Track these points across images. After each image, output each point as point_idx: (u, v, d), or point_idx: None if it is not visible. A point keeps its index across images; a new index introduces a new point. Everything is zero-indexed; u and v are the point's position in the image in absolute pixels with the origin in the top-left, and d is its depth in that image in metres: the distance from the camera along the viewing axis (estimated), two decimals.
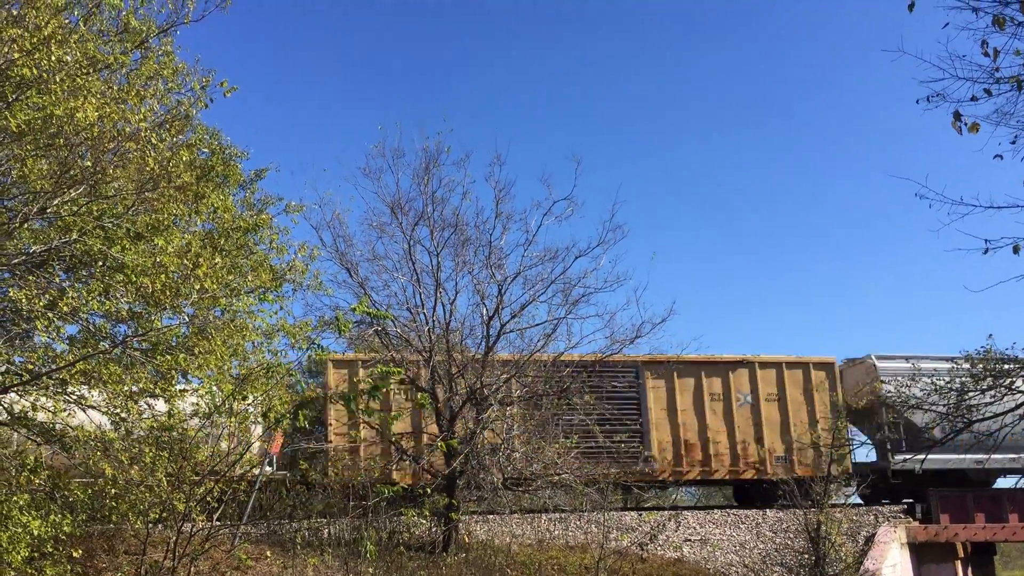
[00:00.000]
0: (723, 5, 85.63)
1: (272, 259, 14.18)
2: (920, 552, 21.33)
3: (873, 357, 22.47)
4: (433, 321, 17.71)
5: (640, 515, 19.90)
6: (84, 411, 11.94)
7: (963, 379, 14.94)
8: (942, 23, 8.58)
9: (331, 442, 18.48)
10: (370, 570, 14.57)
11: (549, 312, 18.01)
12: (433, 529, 17.13)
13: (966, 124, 8.52)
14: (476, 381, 16.98)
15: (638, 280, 41.88)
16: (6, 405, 11.90)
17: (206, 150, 13.79)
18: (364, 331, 18.93)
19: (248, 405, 12.38)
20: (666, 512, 20.08)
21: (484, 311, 17.86)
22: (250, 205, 15.64)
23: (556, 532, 18.85)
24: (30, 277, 10.53)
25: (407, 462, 18.08)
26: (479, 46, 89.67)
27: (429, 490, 16.25)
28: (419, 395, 17.34)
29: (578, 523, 18.98)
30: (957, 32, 8.59)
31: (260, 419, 12.97)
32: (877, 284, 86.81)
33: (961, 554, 22.19)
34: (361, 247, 18.31)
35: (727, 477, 21.76)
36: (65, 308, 10.23)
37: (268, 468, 16.42)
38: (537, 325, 18.00)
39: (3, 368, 10.38)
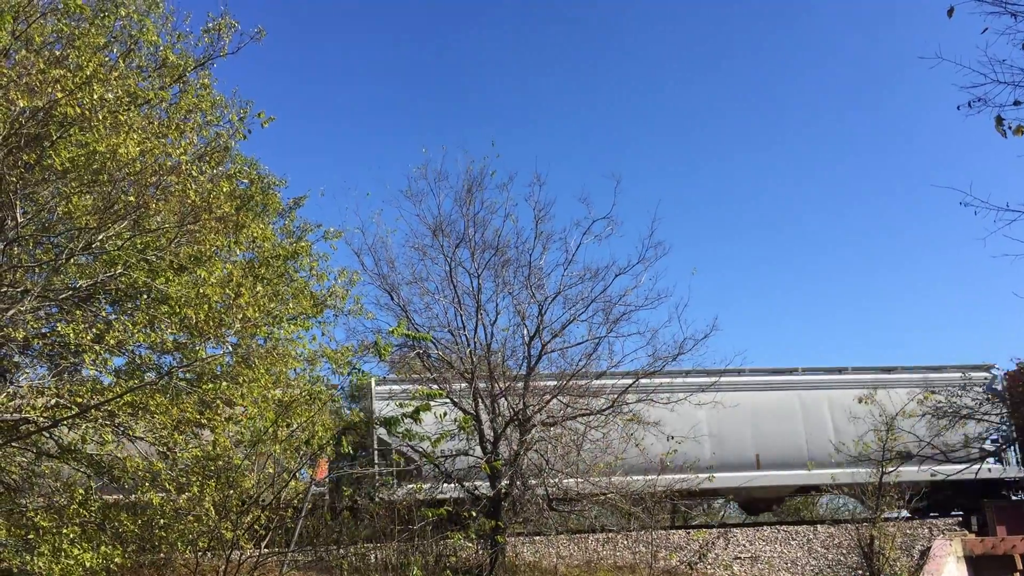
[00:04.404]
0: (761, 19, 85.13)
1: (312, 286, 14.30)
2: (977, 565, 20.83)
3: None
4: (475, 343, 17.71)
5: (688, 533, 19.67)
6: (132, 442, 12.07)
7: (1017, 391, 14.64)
8: (980, 29, 8.45)
9: (376, 467, 18.50)
10: None
11: (590, 331, 17.94)
12: (479, 552, 17.05)
13: (1010, 128, 8.36)
14: (519, 402, 16.92)
15: (679, 296, 41.58)
16: (56, 438, 12.06)
17: (245, 180, 13.96)
18: (406, 354, 18.98)
19: (292, 432, 12.45)
20: (715, 530, 19.84)
21: (525, 332, 17.84)
22: (289, 233, 15.79)
23: (604, 553, 18.68)
24: (77, 311, 10.70)
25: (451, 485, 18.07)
26: (516, 65, 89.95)
27: (474, 512, 16.21)
28: (462, 417, 17.34)
29: (626, 543, 18.81)
30: (996, 37, 8.45)
31: (304, 446, 13.04)
32: (923, 292, 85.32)
33: (1020, 566, 21.61)
34: (402, 270, 18.41)
35: None
36: (112, 341, 10.37)
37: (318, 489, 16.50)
38: (578, 344, 17.93)
39: (53, 402, 10.50)
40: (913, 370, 22.40)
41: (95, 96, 9.89)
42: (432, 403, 16.83)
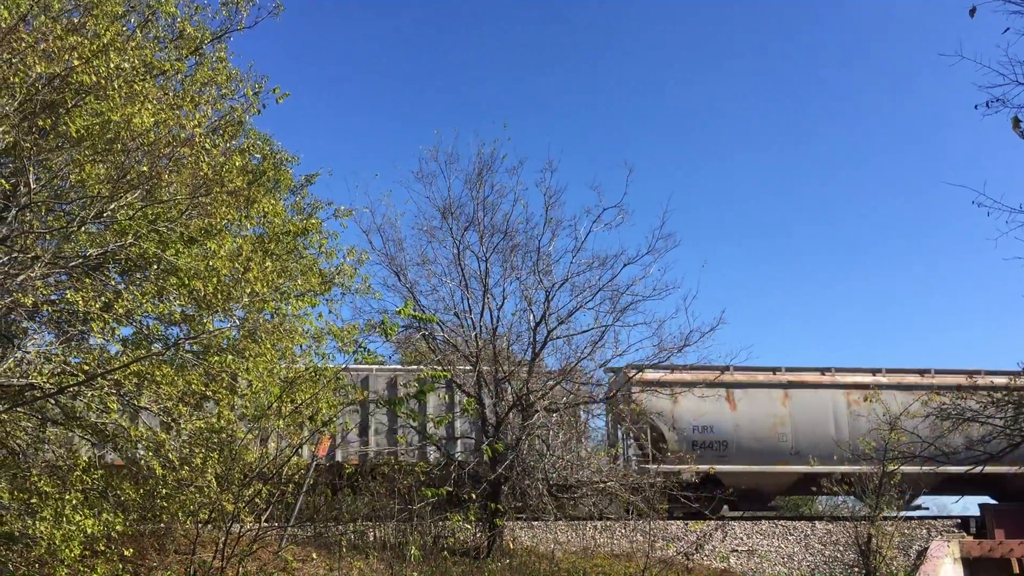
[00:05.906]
0: (778, 15, 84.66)
1: (321, 263, 14.32)
2: (973, 568, 20.82)
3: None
4: (480, 326, 17.72)
5: (686, 524, 19.71)
6: (137, 412, 12.13)
7: (1021, 393, 14.60)
8: (1001, 29, 8.44)
9: (377, 446, 18.57)
10: (414, 574, 14.62)
11: (596, 319, 17.93)
12: (477, 534, 17.12)
13: None
14: (523, 387, 16.94)
15: (687, 288, 41.66)
16: (62, 404, 12.12)
17: (258, 155, 13.96)
18: (411, 335, 19.01)
19: (296, 407, 12.50)
20: (712, 522, 19.88)
21: (531, 317, 17.84)
22: (300, 209, 15.80)
23: (601, 540, 18.72)
24: (86, 279, 10.72)
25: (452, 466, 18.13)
26: (516, 64, 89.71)
27: (474, 495, 16.27)
28: (465, 400, 17.36)
29: (623, 531, 18.85)
30: (1017, 37, 8.44)
31: (307, 422, 13.08)
32: (933, 293, 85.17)
33: (1016, 570, 21.59)
34: (410, 251, 18.42)
35: None
36: (120, 310, 10.41)
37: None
38: (584, 332, 17.93)
39: (59, 369, 10.55)
40: None
41: (111, 65, 9.91)
42: (436, 385, 16.88)
